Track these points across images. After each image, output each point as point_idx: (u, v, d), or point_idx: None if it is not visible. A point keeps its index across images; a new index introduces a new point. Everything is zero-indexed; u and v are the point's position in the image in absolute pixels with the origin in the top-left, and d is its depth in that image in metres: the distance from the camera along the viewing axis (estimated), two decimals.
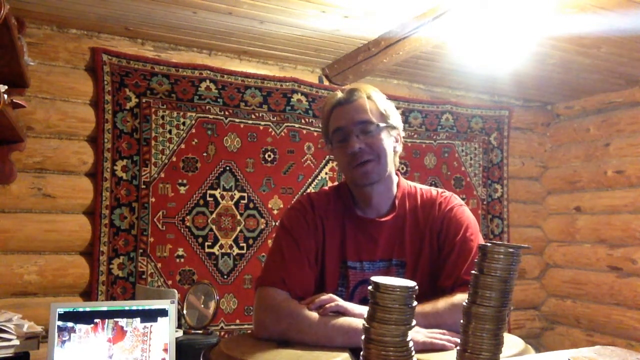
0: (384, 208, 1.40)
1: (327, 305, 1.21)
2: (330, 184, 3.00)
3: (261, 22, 2.35)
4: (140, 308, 1.68)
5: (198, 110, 2.74)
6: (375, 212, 1.40)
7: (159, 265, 2.59)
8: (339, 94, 1.40)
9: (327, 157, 3.01)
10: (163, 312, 1.69)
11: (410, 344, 0.81)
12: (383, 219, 1.38)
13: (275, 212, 2.87)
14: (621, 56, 2.70)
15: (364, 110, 1.35)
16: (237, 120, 2.83)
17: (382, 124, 1.36)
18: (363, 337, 0.82)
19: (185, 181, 2.69)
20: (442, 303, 1.23)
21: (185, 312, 1.98)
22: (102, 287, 2.47)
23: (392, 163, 1.40)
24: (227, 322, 2.71)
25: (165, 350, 1.66)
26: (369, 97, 1.38)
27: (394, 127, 1.40)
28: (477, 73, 3.01)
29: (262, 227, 2.84)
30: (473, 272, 0.87)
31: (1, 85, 1.52)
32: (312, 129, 2.99)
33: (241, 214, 2.80)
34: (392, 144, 1.40)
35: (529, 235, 3.67)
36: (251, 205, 2.82)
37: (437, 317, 1.20)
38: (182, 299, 2.03)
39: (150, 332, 1.66)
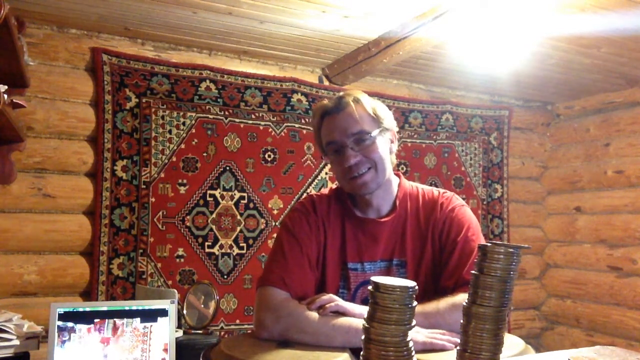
0: (385, 208, 1.40)
1: (327, 305, 1.21)
2: (330, 184, 3.01)
3: (261, 22, 2.35)
4: (140, 308, 1.68)
5: (198, 110, 2.74)
6: (375, 212, 1.40)
7: (159, 265, 2.59)
8: (327, 103, 1.38)
9: None
10: (163, 312, 1.69)
11: (410, 344, 0.81)
12: (383, 219, 1.38)
13: (275, 212, 2.87)
14: (621, 56, 2.70)
15: (355, 120, 1.32)
16: (237, 120, 2.83)
17: (375, 131, 1.33)
18: (363, 337, 0.82)
19: (185, 181, 2.69)
20: (443, 303, 1.23)
21: (185, 312, 1.97)
22: (102, 287, 2.47)
23: (390, 166, 1.39)
24: (227, 322, 2.71)
25: (165, 350, 1.66)
26: (357, 103, 1.34)
27: (387, 129, 1.37)
28: (477, 73, 3.01)
29: (262, 227, 2.84)
30: (473, 272, 0.87)
31: (1, 85, 1.52)
32: (313, 129, 2.99)
33: (241, 214, 2.80)
34: (387, 147, 1.38)
35: (529, 235, 3.67)
36: (251, 205, 2.82)
37: (439, 317, 1.20)
38: (182, 299, 2.03)
39: (150, 332, 1.66)
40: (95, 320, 1.62)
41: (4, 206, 2.36)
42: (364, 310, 1.20)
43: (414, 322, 0.81)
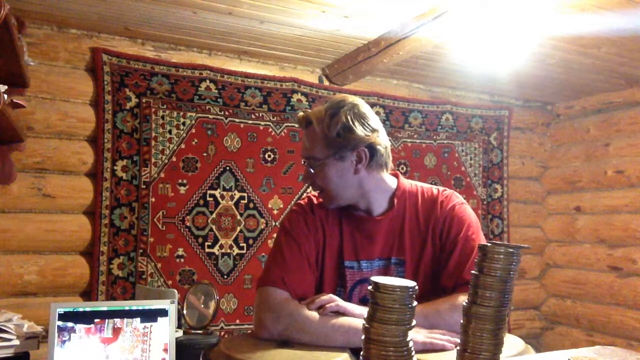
0: (382, 207, 1.39)
1: (327, 305, 1.21)
2: None
3: (261, 22, 2.35)
4: (140, 308, 1.68)
5: (198, 110, 2.74)
6: (372, 211, 1.40)
7: (159, 265, 2.59)
8: (299, 116, 1.39)
9: None
10: (163, 312, 1.69)
11: (410, 344, 0.81)
12: (380, 217, 1.38)
13: (275, 212, 2.87)
14: (621, 56, 2.70)
15: (309, 144, 1.34)
16: (237, 120, 2.83)
17: (326, 157, 1.31)
18: (363, 337, 0.82)
19: (185, 181, 2.69)
20: (443, 304, 1.23)
21: (185, 312, 1.97)
22: (102, 287, 2.47)
23: (349, 187, 1.34)
24: (227, 322, 2.71)
25: (165, 350, 1.66)
26: (316, 124, 1.32)
27: (346, 152, 1.30)
28: (477, 73, 3.01)
29: (262, 227, 2.84)
30: (473, 272, 0.87)
31: (1, 85, 1.52)
32: None
33: (241, 214, 2.80)
34: (342, 170, 1.32)
35: (529, 235, 3.67)
36: (251, 205, 2.82)
37: (439, 317, 1.20)
38: (182, 299, 2.03)
39: (150, 332, 1.66)
40: (95, 320, 1.62)
41: (4, 206, 2.36)
42: (363, 310, 1.20)
43: (414, 322, 0.81)
